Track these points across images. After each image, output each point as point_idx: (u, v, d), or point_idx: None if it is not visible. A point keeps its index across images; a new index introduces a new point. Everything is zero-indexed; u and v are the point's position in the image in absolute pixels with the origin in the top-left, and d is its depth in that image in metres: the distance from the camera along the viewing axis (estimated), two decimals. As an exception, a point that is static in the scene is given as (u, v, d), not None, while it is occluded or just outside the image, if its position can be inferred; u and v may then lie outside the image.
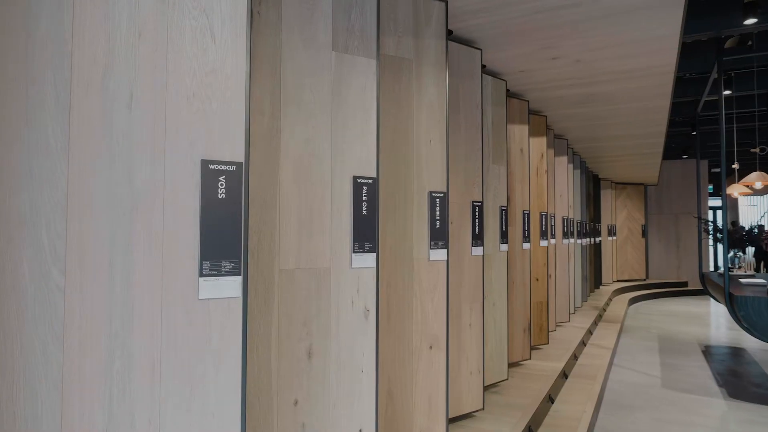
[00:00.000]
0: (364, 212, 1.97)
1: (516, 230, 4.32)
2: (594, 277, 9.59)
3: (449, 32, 3.13)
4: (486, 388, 3.67)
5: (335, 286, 1.90)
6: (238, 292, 1.33)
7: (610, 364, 5.21)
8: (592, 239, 9.27)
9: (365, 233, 1.97)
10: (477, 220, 3.21)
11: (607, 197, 11.38)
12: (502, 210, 3.82)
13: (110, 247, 1.20)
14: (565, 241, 6.25)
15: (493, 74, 3.96)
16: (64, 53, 1.18)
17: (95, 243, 1.19)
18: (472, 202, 3.17)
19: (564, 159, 6.20)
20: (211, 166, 1.31)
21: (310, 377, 1.85)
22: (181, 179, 1.28)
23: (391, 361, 2.43)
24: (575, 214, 7.39)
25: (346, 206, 1.93)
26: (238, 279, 1.33)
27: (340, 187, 1.92)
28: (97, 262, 1.19)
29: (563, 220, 6.20)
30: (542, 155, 4.99)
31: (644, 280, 11.80)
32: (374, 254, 1.98)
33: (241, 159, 1.35)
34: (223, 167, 1.32)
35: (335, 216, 1.91)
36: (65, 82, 1.18)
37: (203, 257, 1.29)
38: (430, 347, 2.56)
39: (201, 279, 1.29)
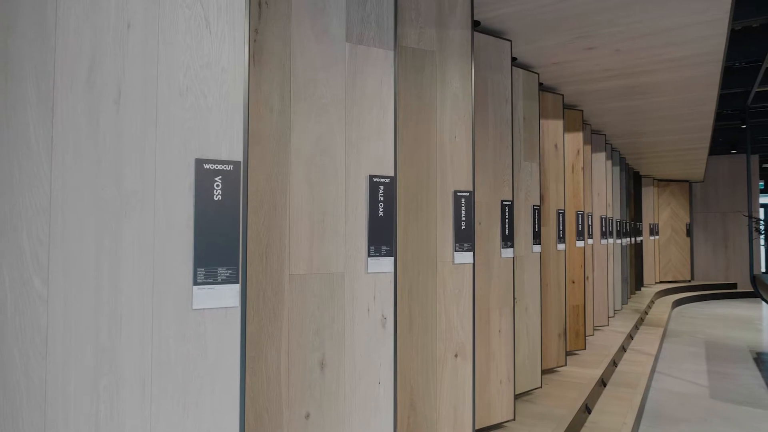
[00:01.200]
0: (381, 213, 1.85)
1: (550, 230, 4.12)
2: (635, 279, 9.20)
3: (476, 23, 2.97)
4: (518, 396, 3.50)
5: (350, 293, 1.79)
6: (236, 302, 1.23)
7: (653, 371, 4.93)
8: (633, 239, 8.90)
9: (382, 236, 1.85)
10: (507, 221, 3.05)
11: (648, 195, 10.91)
12: (534, 209, 3.63)
13: (96, 254, 1.12)
14: (604, 241, 5.97)
15: (525, 67, 3.78)
16: (47, 47, 1.10)
17: (80, 250, 1.11)
18: (502, 201, 3.01)
19: (602, 155, 5.93)
20: (206, 166, 1.21)
21: (323, 389, 1.74)
22: (173, 180, 1.19)
23: (413, 371, 2.30)
24: (614, 212, 7.08)
25: (361, 207, 1.82)
26: (236, 287, 1.23)
27: (355, 186, 1.81)
28: (82, 270, 1.11)
29: (601, 219, 5.93)
30: (578, 152, 4.76)
31: (689, 281, 11.27)
32: (392, 258, 1.86)
33: (239, 158, 1.25)
34: (220, 167, 1.23)
35: (350, 218, 1.80)
36: (48, 78, 1.10)
37: (198, 264, 1.19)
38: (456, 355, 2.42)
39: (195, 288, 1.19)
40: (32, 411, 1.07)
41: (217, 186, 1.22)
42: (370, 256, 1.82)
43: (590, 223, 5.48)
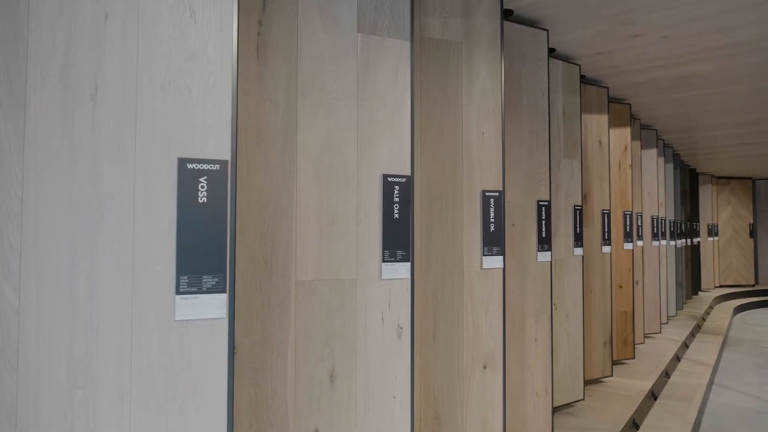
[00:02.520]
0: (396, 215, 1.72)
1: (593, 232, 3.87)
2: (691, 283, 8.66)
3: (509, 12, 2.80)
4: (557, 409, 3.29)
5: (362, 300, 1.67)
6: (222, 312, 1.13)
7: (710, 383, 4.56)
8: (689, 240, 8.37)
9: (397, 239, 1.72)
10: (543, 222, 2.86)
11: (706, 193, 10.27)
12: (576, 210, 3.41)
13: (72, 261, 1.05)
14: (655, 242, 5.61)
15: (565, 58, 3.55)
16: (18, 40, 1.04)
17: (54, 256, 1.04)
18: (538, 201, 2.82)
19: (653, 152, 5.57)
20: (190, 166, 1.12)
21: (333, 403, 1.63)
22: (154, 181, 1.10)
23: (438, 382, 2.16)
24: (667, 212, 6.66)
25: (375, 209, 1.70)
26: (223, 297, 1.13)
27: (368, 186, 1.69)
28: (56, 278, 1.04)
29: (652, 219, 5.58)
30: (626, 148, 4.47)
31: (753, 285, 10.53)
32: (408, 264, 1.73)
33: (227, 156, 1.15)
34: (205, 166, 1.13)
35: (362, 220, 1.68)
36: (20, 73, 1.04)
37: (180, 272, 1.11)
38: (484, 366, 2.26)
39: (178, 297, 1.11)
40: (2, 426, 1.01)
41: (202, 187, 1.13)
42: (384, 261, 1.70)
43: (640, 224, 5.15)
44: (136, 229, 1.09)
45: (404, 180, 1.74)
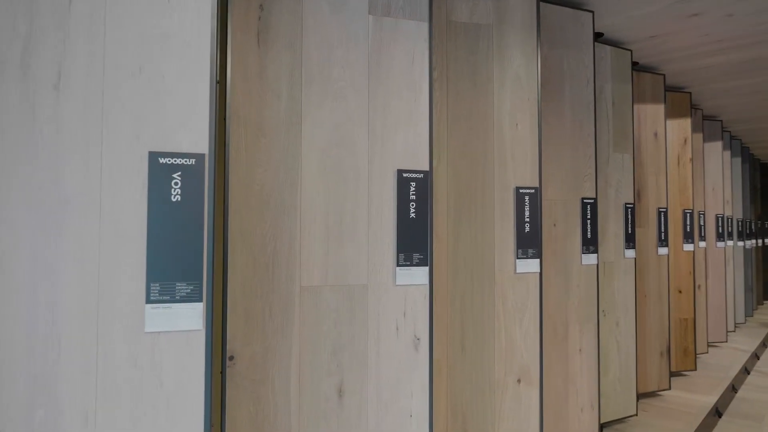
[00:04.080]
0: (412, 215, 1.56)
1: (648, 232, 3.55)
2: (763, 287, 7.98)
3: (549, -7, 2.57)
4: (606, 425, 3.02)
5: (374, 308, 1.53)
6: (198, 324, 1.01)
7: (784, 400, 4.12)
8: (760, 241, 7.71)
9: (413, 241, 1.56)
10: (589, 222, 2.62)
11: (781, 190, 9.46)
12: (627, 208, 3.13)
13: (32, 266, 0.96)
14: (720, 243, 5.16)
15: (614, 43, 3.27)
16: (-26, 25, 0.96)
17: (12, 261, 0.95)
18: (582, 199, 2.58)
19: (717, 144, 5.12)
20: (162, 160, 1.01)
21: (342, 420, 1.49)
22: (122, 178, 0.99)
23: (466, 397, 1.98)
24: (734, 210, 6.14)
25: (388, 208, 1.54)
26: (199, 307, 1.01)
27: (380, 183, 1.54)
28: (14, 285, 0.95)
29: (717, 218, 5.13)
30: (685, 140, 4.10)
31: (835, 290, 9.61)
32: (426, 268, 1.57)
33: (204, 150, 1.03)
34: (179, 161, 1.02)
35: (373, 220, 1.53)
36: (-23, 61, 0.95)
37: (151, 278, 0.99)
38: (518, 380, 2.06)
39: (148, 306, 0.99)
40: (-44, 447, 0.93)
41: (176, 184, 1.01)
42: (398, 265, 1.55)
43: (702, 224, 4.74)
44: (103, 230, 0.98)
45: (421, 175, 1.58)
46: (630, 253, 3.14)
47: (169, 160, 1.01)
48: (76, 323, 0.97)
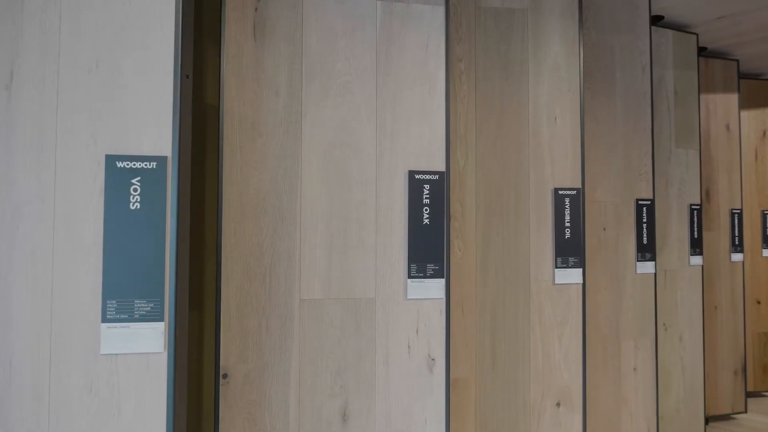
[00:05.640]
0: (426, 221, 1.40)
1: (718, 236, 3.19)
2: None
3: (597, -28, 2.32)
4: (667, 452, 2.71)
5: (383, 324, 1.38)
6: (159, 346, 0.91)
7: None
8: None
9: (427, 251, 1.40)
10: (645, 225, 2.35)
11: None
12: (692, 210, 2.81)
13: (-20, 280, 0.89)
14: (808, 248, 4.61)
15: (677, 26, 2.95)
16: (-77, 23, 0.90)
17: (-39, 274, 0.88)
18: (637, 200, 2.32)
19: (805, 137, 4.58)
20: (120, 164, 0.91)
21: (346, 447, 1.35)
22: (77, 184, 0.91)
23: (497, 419, 1.80)
24: (827, 211, 5.49)
25: (398, 213, 1.39)
26: (159, 327, 0.91)
27: (389, 186, 1.39)
28: (-38, 300, 0.88)
29: (804, 220, 4.58)
30: (764, 133, 3.67)
31: None
32: (442, 280, 1.40)
33: (167, 152, 0.93)
34: (138, 165, 0.92)
35: (382, 227, 1.39)
36: (-74, 60, 0.89)
37: (107, 295, 0.90)
38: (558, 404, 1.84)
39: (104, 326, 0.90)
40: None
41: (135, 190, 0.91)
42: (410, 277, 1.39)
43: (786, 226, 4.24)
44: (56, 241, 0.90)
45: (436, 177, 1.41)
46: (696, 260, 2.81)
47: (128, 164, 0.91)
48: (29, 343, 0.89)
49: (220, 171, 1.31)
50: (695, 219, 2.80)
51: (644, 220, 2.36)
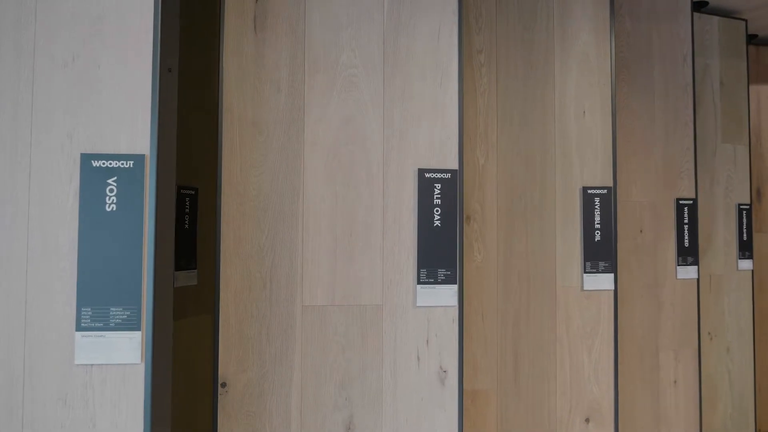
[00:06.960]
0: (437, 223, 1.31)
1: (771, 239, 2.95)
2: None
3: (632, -44, 2.17)
4: (713, 471, 2.52)
5: (390, 333, 1.29)
6: (136, 357, 0.85)
7: None
8: None
9: (438, 255, 1.31)
10: (686, 227, 2.18)
11: None
12: (741, 210, 2.60)
13: (-47, 285, 0.85)
14: None
15: (723, 12, 2.74)
16: None
17: (-66, 279, 0.84)
18: (677, 200, 2.16)
19: None
20: (96, 163, 0.86)
21: (351, 464, 1.27)
22: (51, 185, 0.86)
23: (519, 435, 1.68)
24: None
25: (407, 215, 1.30)
26: (136, 336, 0.85)
27: (398, 186, 1.30)
28: (-65, 306, 0.84)
29: None
30: (823, 127, 3.39)
31: None
32: (454, 286, 1.30)
33: (145, 150, 0.87)
34: (114, 164, 0.86)
35: (389, 230, 1.30)
36: None
37: (82, 302, 0.85)
38: (587, 420, 1.71)
39: (79, 334, 0.85)
40: None
41: (111, 191, 0.86)
42: (419, 283, 1.30)
43: None
44: (31, 245, 0.85)
45: (448, 176, 1.32)
46: (745, 264, 2.60)
47: (104, 163, 0.86)
48: (2, 353, 0.85)
49: (219, 170, 1.25)
50: (744, 220, 2.59)
51: (685, 221, 2.19)
